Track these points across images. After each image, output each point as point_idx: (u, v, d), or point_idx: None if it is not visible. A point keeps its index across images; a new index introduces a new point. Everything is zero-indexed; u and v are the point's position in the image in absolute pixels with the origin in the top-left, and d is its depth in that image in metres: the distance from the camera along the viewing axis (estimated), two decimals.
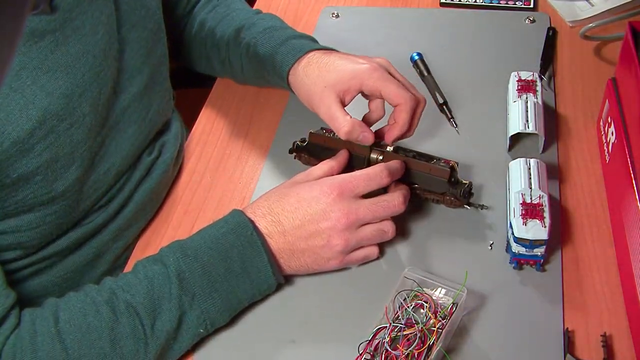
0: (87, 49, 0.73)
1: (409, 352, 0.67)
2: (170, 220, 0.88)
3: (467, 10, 1.13)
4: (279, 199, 0.76)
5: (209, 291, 0.71)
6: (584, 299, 0.74)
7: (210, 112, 1.02)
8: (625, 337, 0.71)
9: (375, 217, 0.75)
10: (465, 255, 0.79)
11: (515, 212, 0.75)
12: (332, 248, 0.74)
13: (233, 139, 0.97)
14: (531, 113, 0.87)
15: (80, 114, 0.73)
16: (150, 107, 0.85)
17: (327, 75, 0.80)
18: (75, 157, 0.73)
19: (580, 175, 0.86)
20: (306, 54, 0.84)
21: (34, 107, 0.68)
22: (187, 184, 0.92)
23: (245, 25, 0.93)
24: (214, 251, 0.72)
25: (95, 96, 0.74)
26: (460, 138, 0.93)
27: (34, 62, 0.68)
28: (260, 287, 0.74)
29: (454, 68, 1.03)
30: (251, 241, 0.73)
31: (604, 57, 1.02)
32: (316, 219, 0.74)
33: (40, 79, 0.68)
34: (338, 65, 0.81)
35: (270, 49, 0.87)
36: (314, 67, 0.82)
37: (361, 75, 0.79)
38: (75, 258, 0.80)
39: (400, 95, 0.78)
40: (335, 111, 0.79)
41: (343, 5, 1.18)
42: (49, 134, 0.70)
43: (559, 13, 1.10)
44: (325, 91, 0.80)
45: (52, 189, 0.72)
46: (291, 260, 0.75)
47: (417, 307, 0.72)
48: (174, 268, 0.70)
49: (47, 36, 0.68)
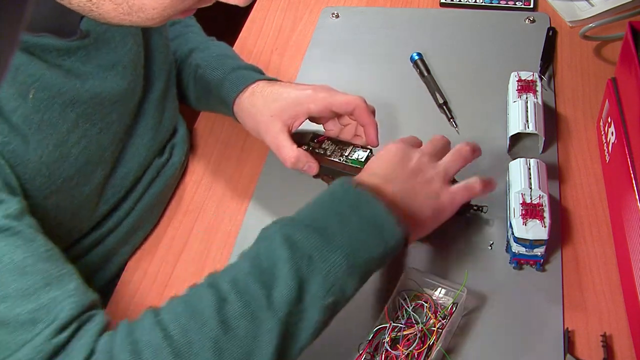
0: (118, 60, 0.75)
1: (409, 352, 0.67)
2: (170, 220, 0.88)
3: (467, 10, 1.13)
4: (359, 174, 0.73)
5: (327, 249, 0.61)
6: (584, 299, 0.74)
7: (210, 112, 1.02)
8: (625, 337, 0.71)
9: (440, 150, 0.77)
10: (465, 255, 0.79)
11: (515, 212, 0.75)
12: (431, 180, 0.72)
13: (233, 139, 0.97)
14: (531, 113, 0.87)
15: (110, 121, 0.75)
16: (164, 112, 0.86)
17: (272, 105, 0.82)
18: (101, 160, 0.75)
19: (580, 175, 0.86)
20: (251, 84, 0.85)
21: (72, 110, 0.70)
22: (187, 184, 0.92)
23: (199, 48, 0.94)
24: (325, 210, 0.64)
25: (125, 105, 0.77)
26: (460, 138, 0.93)
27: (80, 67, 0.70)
28: (387, 240, 0.64)
29: (454, 68, 1.03)
30: (360, 194, 0.65)
31: (604, 57, 1.02)
32: (402, 163, 0.72)
33: (85, 84, 0.70)
34: (282, 93, 0.82)
35: (219, 75, 0.88)
36: (258, 96, 0.84)
37: (305, 100, 0.81)
38: (84, 262, 0.80)
39: (350, 101, 0.81)
40: (282, 140, 0.80)
41: (343, 5, 1.18)
42: (82, 139, 0.71)
43: (559, 13, 1.10)
44: (272, 120, 0.81)
45: (82, 192, 0.73)
46: (411, 200, 0.70)
47: (417, 307, 0.72)
48: (280, 235, 0.61)
49: (79, 51, 0.70)
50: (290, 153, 0.79)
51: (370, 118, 0.82)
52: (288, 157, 0.80)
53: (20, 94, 0.65)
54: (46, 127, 0.67)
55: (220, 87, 0.87)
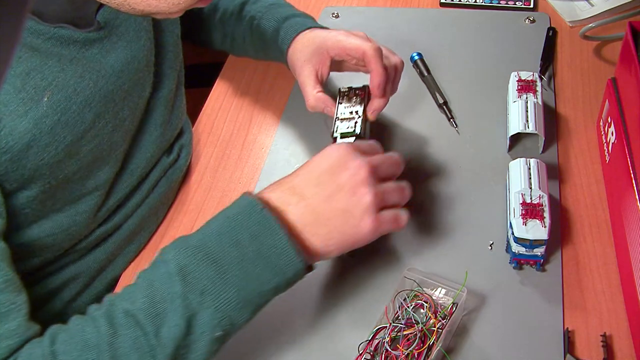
0: (134, 55, 0.75)
1: (409, 352, 0.67)
2: (170, 220, 0.88)
3: (467, 10, 1.13)
4: (288, 175, 0.69)
5: (220, 284, 0.60)
6: (584, 299, 0.74)
7: (211, 112, 1.02)
8: (625, 337, 0.71)
9: (389, 168, 0.69)
10: (465, 255, 0.79)
11: (515, 212, 0.75)
12: (361, 200, 0.64)
13: (233, 139, 0.97)
14: (531, 113, 0.87)
15: (122, 117, 0.75)
16: (173, 110, 0.87)
17: (305, 50, 0.86)
18: (111, 157, 0.75)
19: (580, 175, 0.86)
20: (300, 33, 0.89)
21: (90, 110, 0.70)
22: (187, 184, 0.92)
23: (250, 1, 0.97)
24: (222, 237, 0.63)
25: (135, 100, 0.77)
26: (460, 138, 0.93)
27: (94, 65, 0.70)
28: (285, 272, 0.63)
29: (454, 68, 1.03)
30: (264, 219, 0.62)
31: (604, 57, 1.02)
32: (335, 171, 0.65)
33: (99, 82, 0.70)
34: (314, 38, 0.86)
35: (274, 25, 0.92)
36: (300, 43, 0.88)
37: (327, 43, 0.84)
38: (88, 261, 0.80)
39: (360, 45, 0.82)
40: (307, 85, 0.84)
41: (343, 5, 1.18)
42: (96, 137, 0.72)
43: (559, 13, 1.10)
44: (304, 64, 0.86)
45: (83, 186, 0.73)
46: (318, 227, 0.64)
47: (417, 307, 0.72)
48: (175, 264, 0.61)
49: (95, 44, 0.70)
50: (310, 96, 0.83)
51: (378, 66, 0.80)
52: (307, 98, 0.84)
53: (31, 98, 0.64)
54: (61, 129, 0.67)
55: (275, 37, 0.92)
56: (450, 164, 0.89)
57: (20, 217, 0.68)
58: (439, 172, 0.89)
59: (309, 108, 0.84)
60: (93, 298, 0.82)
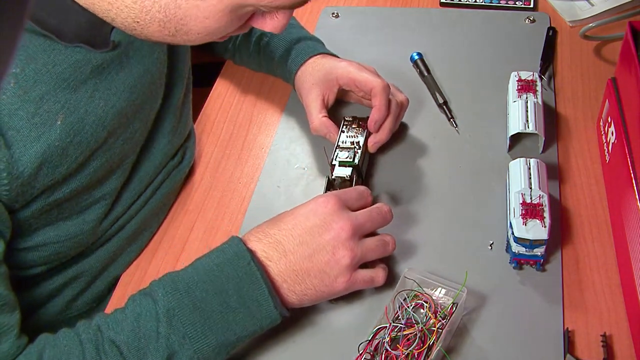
0: (147, 68, 0.75)
1: (409, 352, 0.67)
2: (171, 220, 0.88)
3: (467, 10, 1.13)
4: (274, 222, 0.71)
5: (202, 329, 0.65)
6: (584, 299, 0.74)
7: (210, 112, 1.02)
8: (625, 337, 0.71)
9: (374, 224, 0.73)
10: (465, 255, 0.79)
11: (515, 212, 0.75)
12: (339, 262, 0.69)
13: (233, 139, 0.97)
14: (531, 113, 0.87)
15: (132, 130, 0.75)
16: (181, 118, 0.87)
17: (315, 75, 0.90)
18: (120, 168, 0.75)
19: (580, 175, 0.86)
20: (311, 57, 0.92)
21: (103, 128, 0.70)
22: (187, 184, 0.92)
23: None
24: (208, 285, 0.66)
25: (147, 113, 0.78)
26: (460, 138, 0.93)
27: (105, 83, 0.70)
28: (262, 322, 0.67)
29: (454, 68, 1.03)
30: (249, 272, 0.66)
31: (604, 57, 1.02)
32: (318, 232, 0.69)
33: (111, 100, 0.70)
34: (325, 64, 0.90)
35: (285, 45, 0.95)
36: (310, 67, 0.92)
37: (338, 71, 0.87)
38: (91, 261, 0.80)
39: (370, 81, 0.85)
40: (313, 108, 0.88)
41: (343, 5, 1.18)
42: (107, 152, 0.72)
43: (559, 13, 1.10)
44: (311, 87, 0.89)
45: (90, 196, 0.73)
46: (296, 284, 0.68)
47: (417, 307, 0.72)
48: (163, 304, 0.65)
49: (112, 65, 0.70)
50: (315, 119, 0.86)
51: (382, 103, 0.83)
52: (311, 121, 0.87)
53: (44, 122, 0.64)
54: (73, 150, 0.67)
55: (285, 57, 0.95)
56: (450, 164, 0.89)
57: (24, 226, 0.68)
58: (439, 172, 0.89)
59: (313, 131, 0.88)
60: (94, 297, 0.82)
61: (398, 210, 0.84)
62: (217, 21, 0.62)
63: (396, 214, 0.78)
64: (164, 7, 0.61)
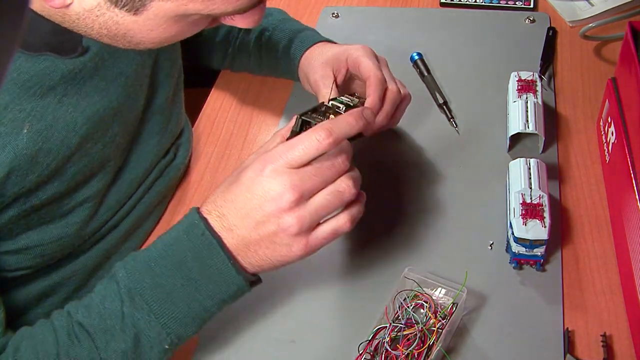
0: (121, 70, 0.74)
1: (409, 352, 0.67)
2: (170, 219, 0.88)
3: (467, 10, 1.13)
4: (225, 188, 0.66)
5: (166, 305, 0.64)
6: (584, 299, 0.74)
7: (210, 112, 1.02)
8: (625, 337, 0.71)
9: (324, 180, 0.63)
10: (465, 255, 0.79)
11: (515, 212, 0.75)
12: (287, 231, 0.62)
13: (233, 139, 0.97)
14: (531, 113, 0.87)
15: (112, 134, 0.74)
16: (171, 117, 0.86)
17: (325, 54, 0.89)
18: (101, 171, 0.75)
19: (580, 175, 0.86)
20: (316, 43, 0.92)
21: (75, 134, 0.69)
22: (187, 184, 0.92)
23: None
24: (167, 260, 0.64)
25: (126, 115, 0.77)
26: (460, 138, 0.93)
27: (75, 89, 0.69)
28: (228, 289, 0.65)
29: (454, 68, 1.03)
30: (205, 241, 0.64)
31: (604, 57, 1.02)
32: (258, 203, 0.62)
33: (81, 105, 0.69)
34: (333, 47, 0.90)
35: (288, 35, 0.95)
36: (318, 51, 0.91)
37: (349, 50, 0.86)
38: (85, 260, 0.80)
39: (369, 69, 0.83)
40: (322, 85, 0.85)
41: (343, 5, 1.18)
42: (83, 158, 0.71)
43: (559, 13, 1.10)
44: (321, 66, 0.87)
45: (72, 199, 0.73)
46: (248, 256, 0.65)
47: (417, 307, 0.72)
48: (124, 285, 0.64)
49: (82, 72, 0.69)
50: (325, 96, 0.83)
51: (376, 94, 0.81)
52: (322, 97, 0.84)
53: (9, 132, 0.63)
54: (43, 157, 0.66)
55: (288, 46, 0.94)
56: (450, 164, 0.89)
57: (4, 230, 0.68)
58: (439, 172, 0.89)
59: None
60: None
61: (398, 210, 0.84)
62: (166, 31, 0.62)
63: (396, 214, 0.78)
64: (104, 25, 0.61)
